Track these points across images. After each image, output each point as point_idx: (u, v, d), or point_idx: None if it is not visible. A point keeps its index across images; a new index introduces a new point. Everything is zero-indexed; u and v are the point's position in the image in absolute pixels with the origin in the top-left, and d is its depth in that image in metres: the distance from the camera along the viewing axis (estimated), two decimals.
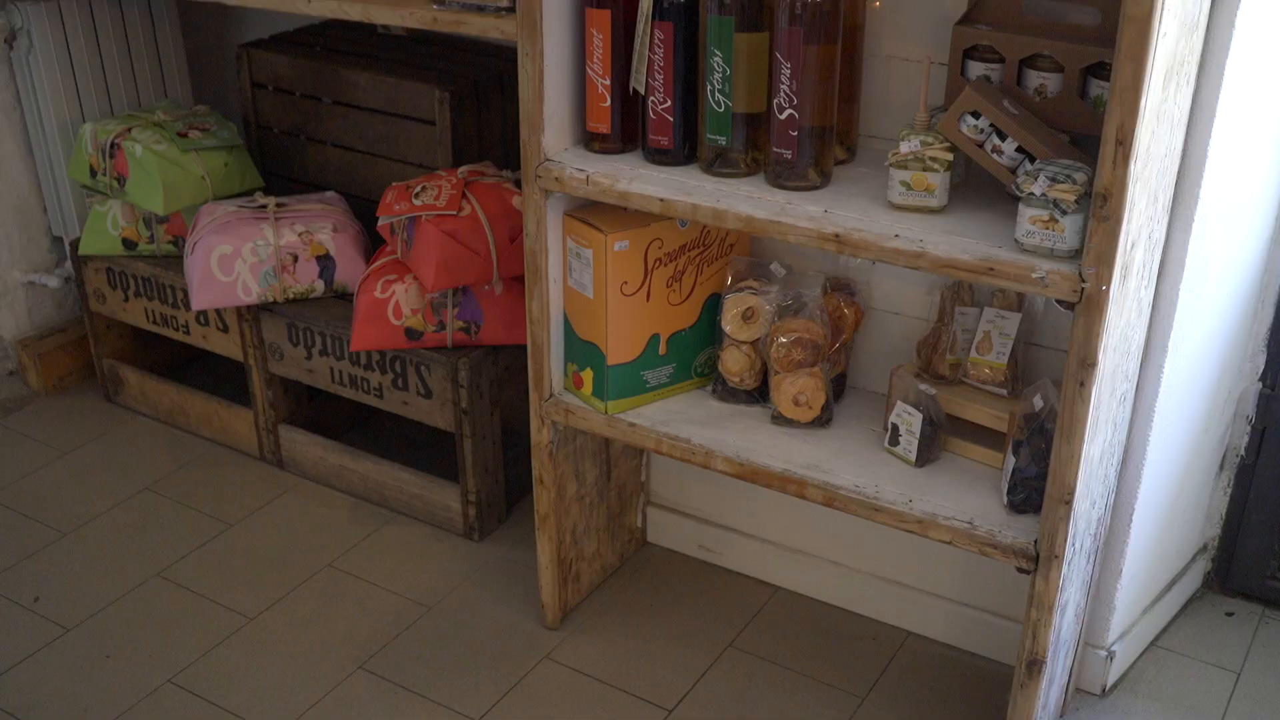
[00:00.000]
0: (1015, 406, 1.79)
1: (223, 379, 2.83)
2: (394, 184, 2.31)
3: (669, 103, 1.81)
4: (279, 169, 2.75)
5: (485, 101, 2.51)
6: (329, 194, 2.58)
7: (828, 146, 1.76)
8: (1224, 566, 2.23)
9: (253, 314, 2.50)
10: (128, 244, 2.63)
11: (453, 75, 2.48)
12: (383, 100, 2.52)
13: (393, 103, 2.51)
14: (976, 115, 1.61)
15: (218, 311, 2.55)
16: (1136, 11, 1.37)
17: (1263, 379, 2.09)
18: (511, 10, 2.03)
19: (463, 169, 2.30)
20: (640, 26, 1.78)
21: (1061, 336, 1.86)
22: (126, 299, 2.69)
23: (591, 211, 1.90)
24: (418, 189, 2.26)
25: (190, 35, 2.96)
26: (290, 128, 2.70)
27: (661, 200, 1.76)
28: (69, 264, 2.88)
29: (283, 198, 2.53)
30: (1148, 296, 1.74)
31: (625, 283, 1.90)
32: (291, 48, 2.68)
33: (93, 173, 2.60)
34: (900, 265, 1.62)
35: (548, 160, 1.86)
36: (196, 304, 2.43)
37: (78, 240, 2.69)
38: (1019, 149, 1.60)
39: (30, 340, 2.88)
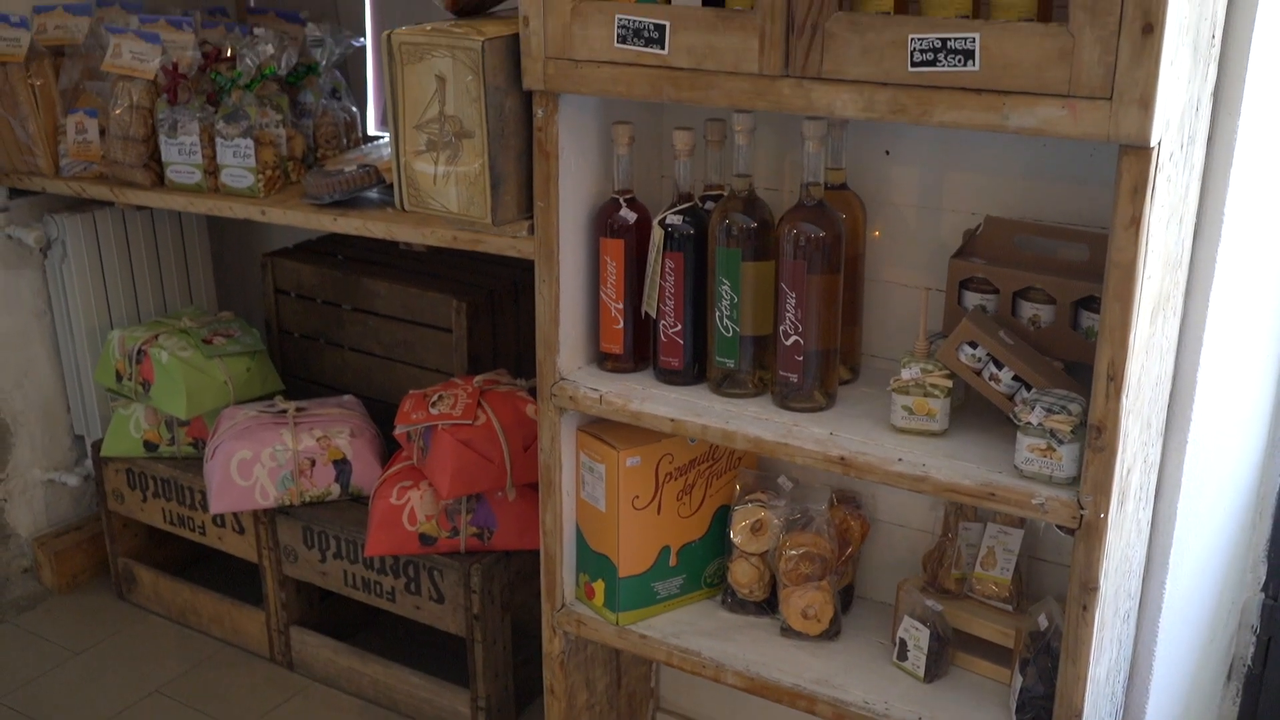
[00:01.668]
0: (1021, 623, 1.81)
1: (234, 575, 2.85)
2: (411, 392, 2.38)
3: (679, 326, 1.89)
4: (299, 372, 2.83)
5: (500, 309, 2.61)
6: (347, 398, 2.65)
7: (832, 369, 1.83)
8: None
9: (269, 516, 2.54)
10: (149, 446, 2.70)
11: (469, 285, 2.58)
12: (401, 308, 2.62)
13: (411, 311, 2.61)
14: (974, 345, 1.69)
15: (234, 513, 2.59)
16: (1121, 257, 1.45)
17: (1265, 589, 2.12)
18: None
19: (478, 378, 2.37)
20: (652, 256, 1.87)
21: (1064, 551, 1.90)
22: (145, 499, 2.74)
23: (604, 427, 1.97)
24: (434, 398, 2.33)
25: (216, 241, 3.09)
26: (311, 332, 2.79)
27: (672, 420, 1.83)
28: (89, 462, 2.94)
29: (302, 402, 2.60)
30: (1146, 515, 1.78)
31: (637, 497, 1.95)
32: (314, 257, 2.79)
33: (119, 377, 2.68)
34: (904, 489, 1.67)
35: (562, 379, 1.93)
36: (215, 508, 2.48)
37: (99, 441, 2.76)
38: (1015, 377, 1.67)
39: (47, 538, 2.92)
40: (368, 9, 2.82)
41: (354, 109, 2.67)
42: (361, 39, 2.71)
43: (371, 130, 2.90)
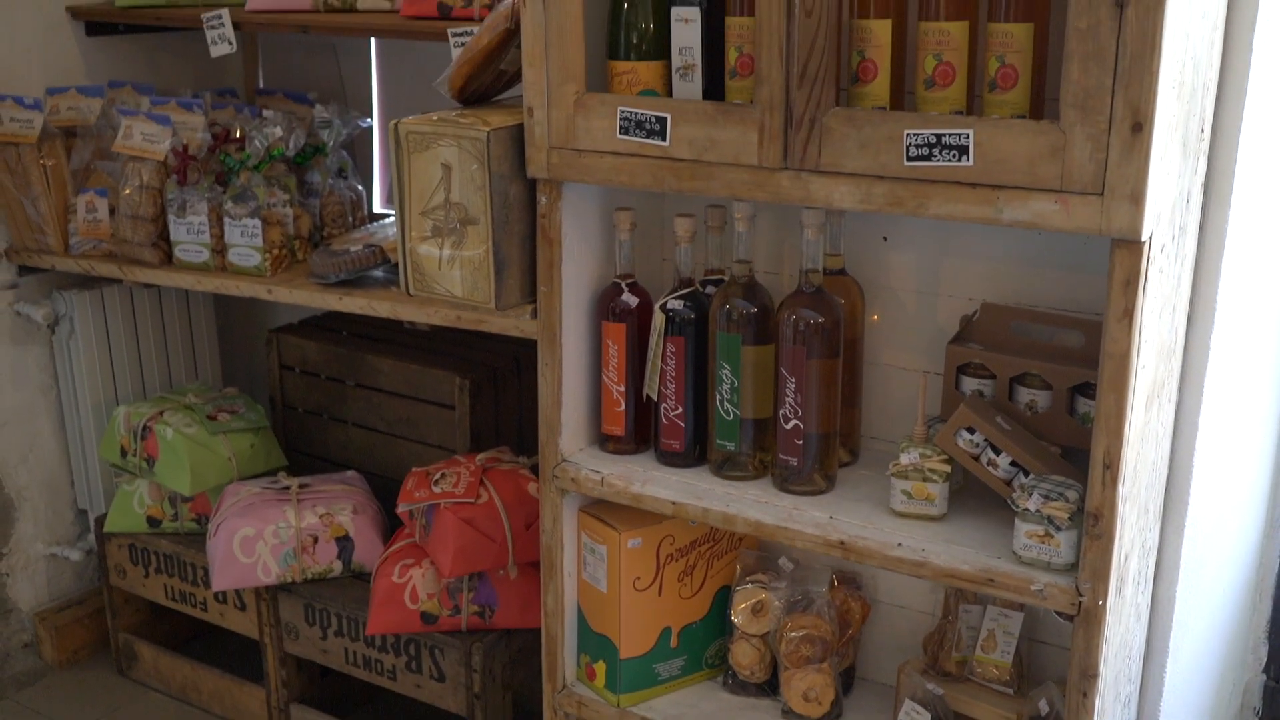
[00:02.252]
0: (1022, 707, 1.81)
1: (235, 651, 2.85)
2: (414, 469, 2.39)
3: (680, 409, 1.91)
4: (302, 447, 2.85)
5: (502, 384, 2.63)
6: (349, 474, 2.67)
7: (831, 452, 1.85)
8: None
9: (270, 593, 2.55)
10: (152, 522, 2.71)
11: (472, 362, 2.61)
12: (404, 384, 2.64)
13: (414, 387, 2.63)
14: (972, 430, 1.70)
15: (236, 590, 2.60)
16: (1115, 348, 1.48)
17: (1266, 670, 2.12)
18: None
19: (481, 456, 2.39)
20: (653, 340, 1.90)
21: (1065, 633, 1.90)
22: (147, 575, 2.75)
23: (605, 508, 1.98)
24: (437, 475, 2.34)
25: (222, 316, 3.12)
26: (315, 408, 2.81)
27: (674, 503, 1.84)
28: (91, 537, 2.94)
29: (305, 478, 2.61)
30: (1145, 600, 1.79)
31: (638, 578, 1.96)
32: (318, 333, 2.82)
33: (123, 453, 2.69)
34: (903, 573, 1.68)
35: (565, 461, 1.95)
36: (217, 585, 2.48)
37: (103, 516, 2.77)
38: (1013, 462, 1.69)
39: (48, 612, 2.92)
40: (375, 90, 2.87)
41: (360, 187, 2.71)
42: (368, 120, 2.76)
43: (377, 208, 2.94)
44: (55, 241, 2.62)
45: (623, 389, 1.95)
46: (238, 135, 2.51)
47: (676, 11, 1.74)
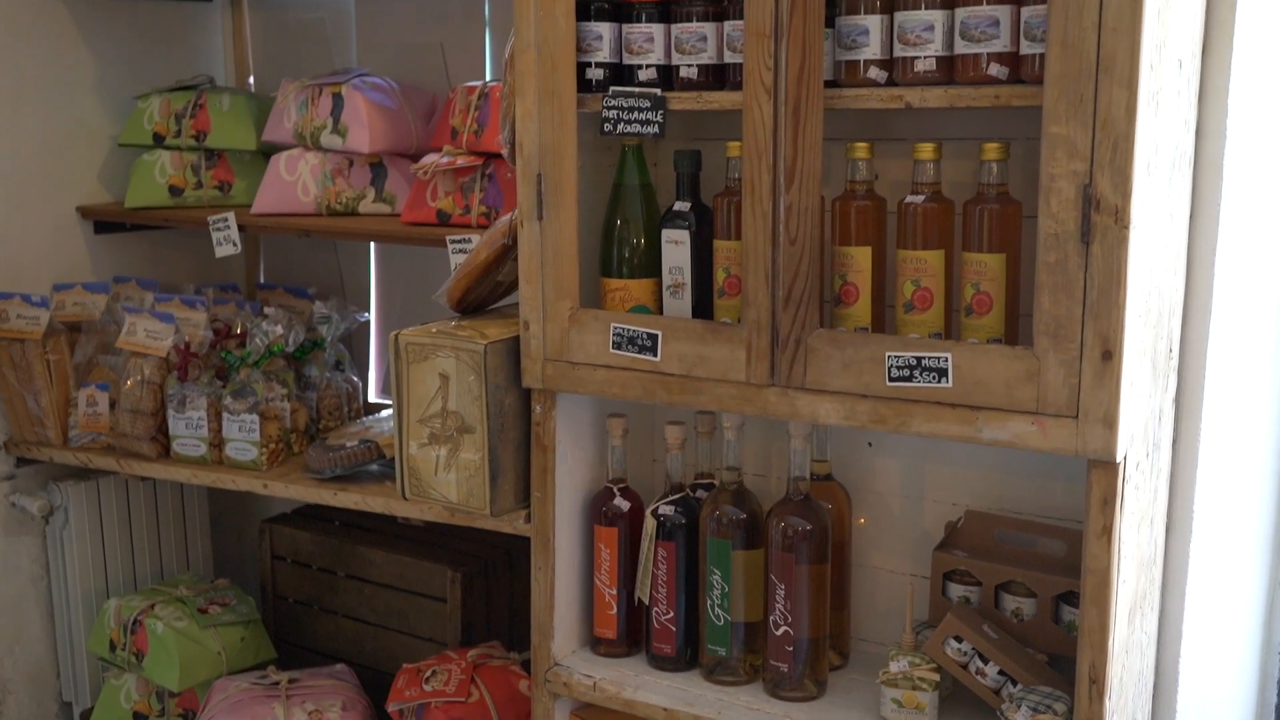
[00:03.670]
0: None
1: None
2: (405, 666, 2.39)
3: (671, 614, 1.93)
4: (293, 638, 2.84)
5: (494, 579, 2.64)
6: (339, 667, 2.66)
7: (821, 656, 1.87)
8: None
9: None
10: (138, 717, 2.68)
11: (464, 555, 2.63)
12: (396, 576, 2.66)
13: (405, 579, 2.64)
14: (959, 639, 1.73)
15: None
16: (1095, 564, 1.52)
17: None
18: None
19: (472, 652, 2.39)
20: (645, 544, 1.93)
21: None
22: None
23: (598, 711, 1.98)
24: (428, 673, 2.34)
25: (215, 504, 3.14)
26: (306, 598, 2.81)
27: (665, 710, 1.85)
28: None
29: (294, 672, 2.60)
30: None
31: None
32: (311, 523, 2.84)
33: (112, 647, 2.68)
34: None
35: (557, 665, 1.96)
36: None
37: (88, 710, 2.74)
38: (1001, 671, 1.71)
39: None
40: (373, 284, 2.96)
41: (355, 379, 2.77)
42: (365, 314, 2.84)
43: (372, 397, 3.00)
44: (55, 434, 2.66)
45: (614, 592, 1.97)
46: (239, 331, 2.58)
47: (667, 233, 1.82)
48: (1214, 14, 1.66)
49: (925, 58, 1.58)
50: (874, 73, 1.62)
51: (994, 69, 1.54)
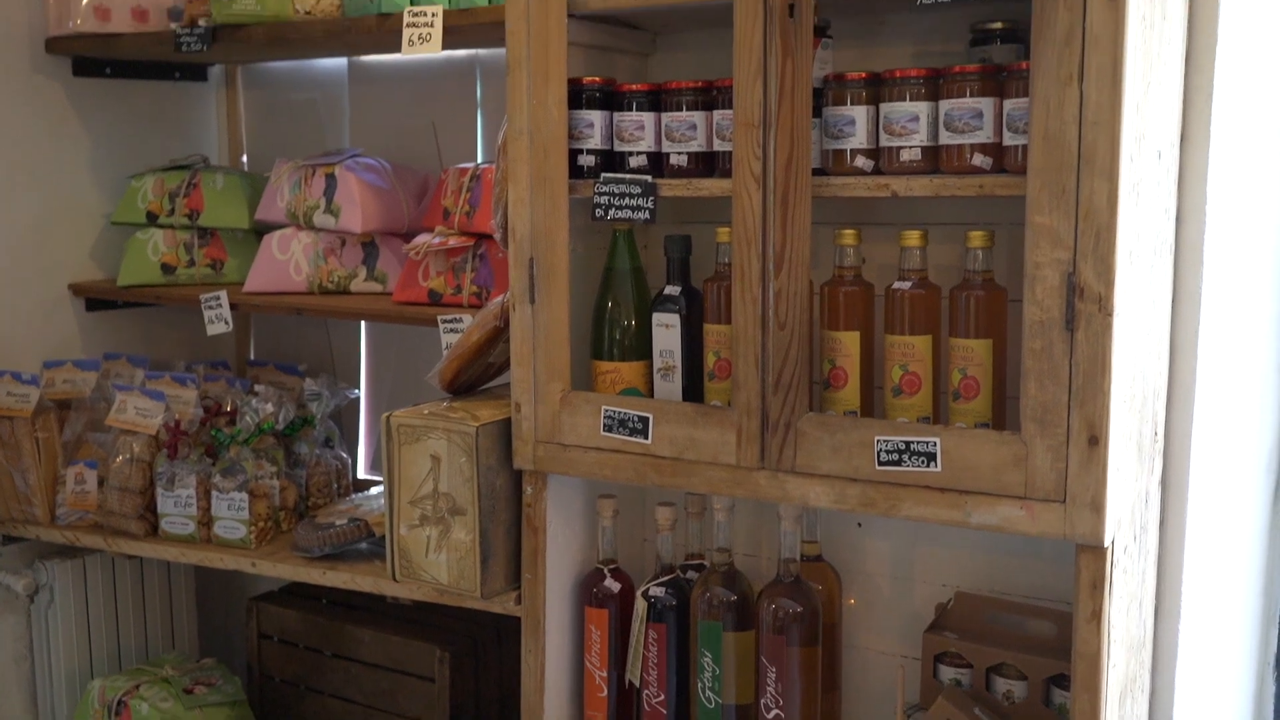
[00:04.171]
0: None
1: None
2: None
3: (662, 696, 1.93)
4: (279, 717, 2.81)
5: (484, 655, 2.63)
6: None
7: None
8: None
9: None
10: None
11: (453, 633, 2.61)
12: (384, 656, 2.64)
13: (393, 659, 2.62)
14: None
15: None
16: (1086, 649, 1.53)
17: None
18: None
19: None
20: (636, 627, 1.93)
21: None
22: None
23: None
24: None
25: (202, 581, 3.12)
26: (292, 678, 2.79)
27: None
28: None
29: None
30: None
31: None
32: (298, 600, 2.83)
33: None
34: None
35: None
36: None
37: None
38: None
39: None
40: (363, 361, 2.97)
41: (345, 455, 2.77)
42: (355, 391, 2.85)
43: (361, 474, 3.00)
44: (42, 512, 2.65)
45: (605, 674, 1.96)
46: (229, 409, 2.59)
47: (658, 317, 1.85)
48: (1191, 106, 1.70)
49: (910, 147, 1.62)
50: (861, 161, 1.65)
51: (978, 159, 1.58)
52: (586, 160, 1.84)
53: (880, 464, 1.61)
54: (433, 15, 2.17)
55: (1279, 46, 1.89)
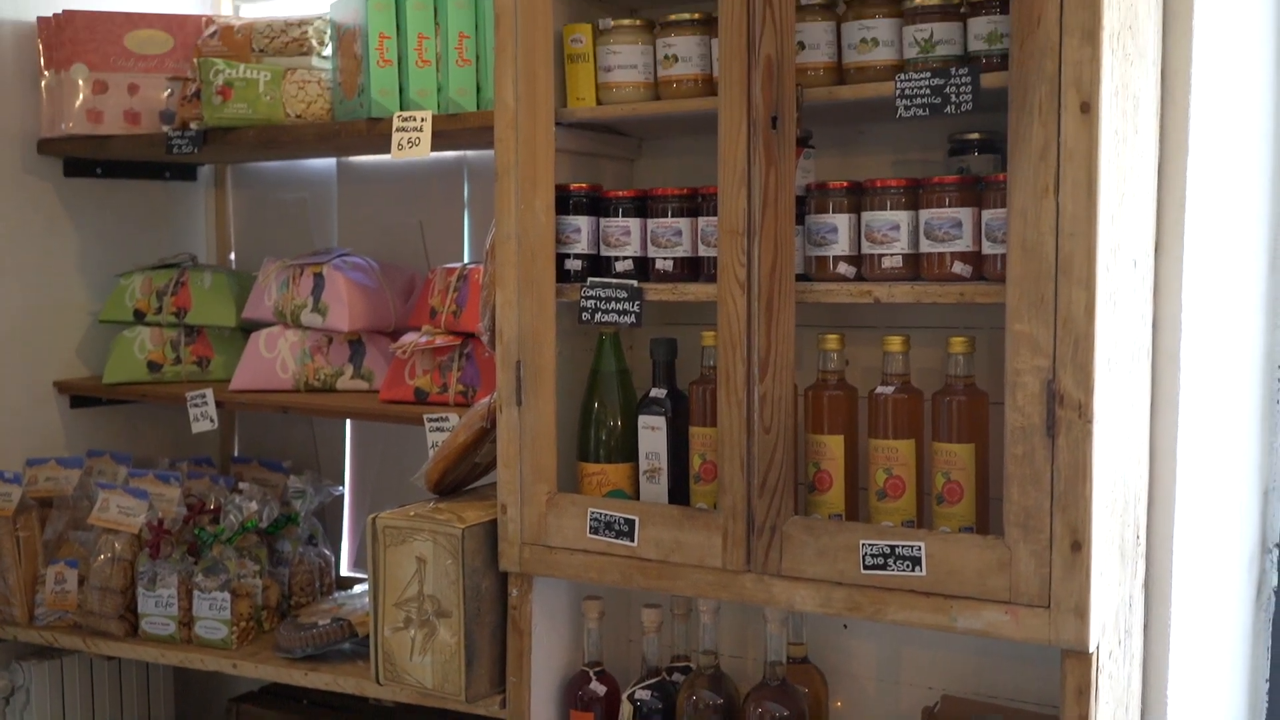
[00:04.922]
0: None
1: None
2: None
3: None
4: None
5: None
6: None
7: None
8: None
9: None
10: None
11: None
12: None
13: None
14: None
15: None
16: None
17: None
18: None
19: None
20: None
21: None
22: None
23: None
24: None
25: (181, 679, 3.08)
26: None
27: None
28: None
29: None
30: None
31: None
32: (280, 701, 2.79)
33: None
34: None
35: None
36: None
37: None
38: None
39: None
40: (348, 458, 2.97)
41: (328, 553, 2.76)
42: (340, 488, 2.84)
43: (344, 570, 2.98)
44: (20, 613, 2.62)
45: None
46: (212, 507, 2.58)
47: (644, 419, 1.86)
48: (1165, 215, 1.75)
49: (892, 255, 1.65)
50: (843, 268, 1.68)
51: (958, 267, 1.61)
52: (573, 264, 1.87)
53: (865, 568, 1.62)
54: (422, 120, 2.21)
55: (1247, 158, 1.94)
